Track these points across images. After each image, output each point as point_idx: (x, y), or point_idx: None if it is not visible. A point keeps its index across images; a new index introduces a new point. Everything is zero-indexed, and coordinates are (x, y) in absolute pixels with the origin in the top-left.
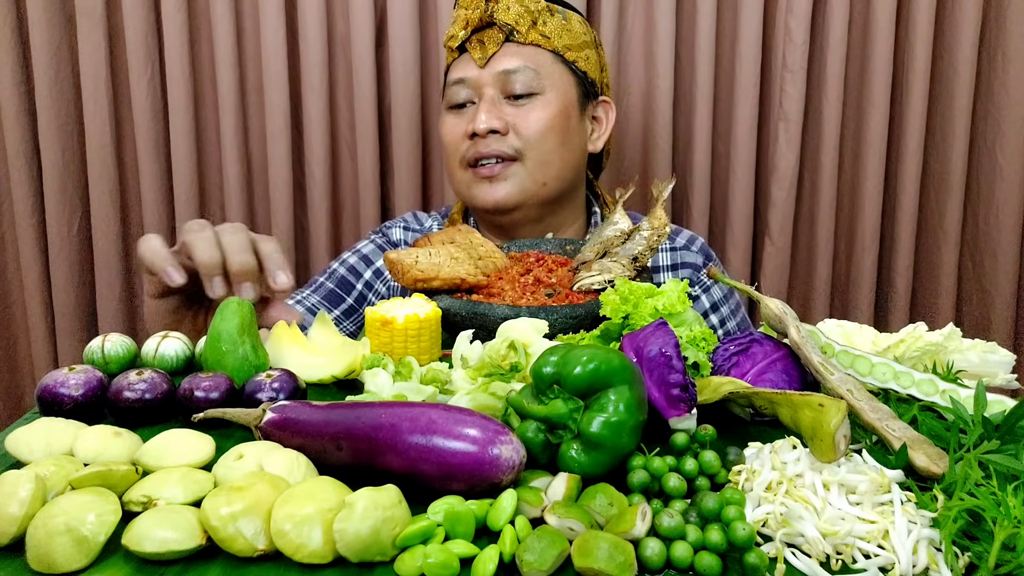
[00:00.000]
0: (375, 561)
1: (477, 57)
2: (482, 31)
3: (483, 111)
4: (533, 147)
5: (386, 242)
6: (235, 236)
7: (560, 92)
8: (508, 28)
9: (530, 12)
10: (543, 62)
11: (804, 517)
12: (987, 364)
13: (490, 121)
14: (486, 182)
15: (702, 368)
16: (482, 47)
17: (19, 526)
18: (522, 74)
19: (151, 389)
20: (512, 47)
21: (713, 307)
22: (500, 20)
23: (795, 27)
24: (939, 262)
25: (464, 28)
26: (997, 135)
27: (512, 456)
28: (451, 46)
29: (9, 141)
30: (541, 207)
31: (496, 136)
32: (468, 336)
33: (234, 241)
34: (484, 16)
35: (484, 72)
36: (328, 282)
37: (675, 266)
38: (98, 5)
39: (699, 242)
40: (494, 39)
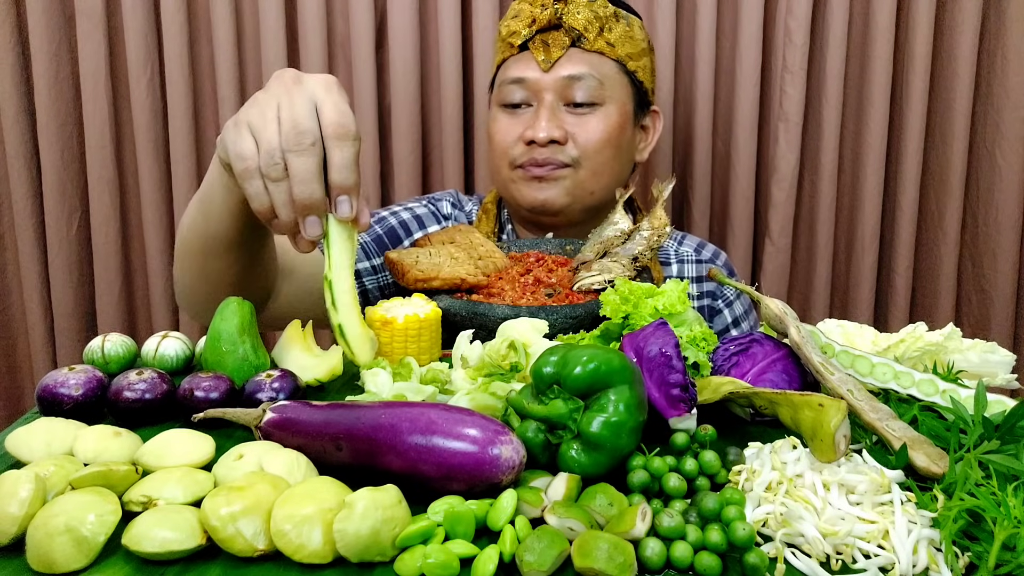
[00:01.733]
0: (375, 561)
1: (540, 59)
2: (547, 32)
3: (544, 119)
4: (589, 158)
5: (436, 211)
6: (301, 160)
7: (619, 104)
8: (576, 33)
9: (599, 18)
10: (607, 72)
11: (804, 517)
12: (987, 364)
13: (551, 131)
14: (535, 181)
15: (702, 368)
16: (546, 49)
17: (19, 526)
18: (586, 82)
19: (151, 389)
20: (577, 53)
21: (735, 322)
22: (568, 24)
23: (795, 28)
24: (939, 262)
25: (529, 26)
26: (997, 136)
27: (512, 456)
28: (512, 42)
29: (9, 141)
30: (584, 213)
31: (554, 145)
32: (468, 336)
33: (300, 167)
34: (553, 17)
35: (547, 76)
36: (377, 227)
37: (700, 278)
38: (98, 5)
39: (723, 257)
40: (559, 42)
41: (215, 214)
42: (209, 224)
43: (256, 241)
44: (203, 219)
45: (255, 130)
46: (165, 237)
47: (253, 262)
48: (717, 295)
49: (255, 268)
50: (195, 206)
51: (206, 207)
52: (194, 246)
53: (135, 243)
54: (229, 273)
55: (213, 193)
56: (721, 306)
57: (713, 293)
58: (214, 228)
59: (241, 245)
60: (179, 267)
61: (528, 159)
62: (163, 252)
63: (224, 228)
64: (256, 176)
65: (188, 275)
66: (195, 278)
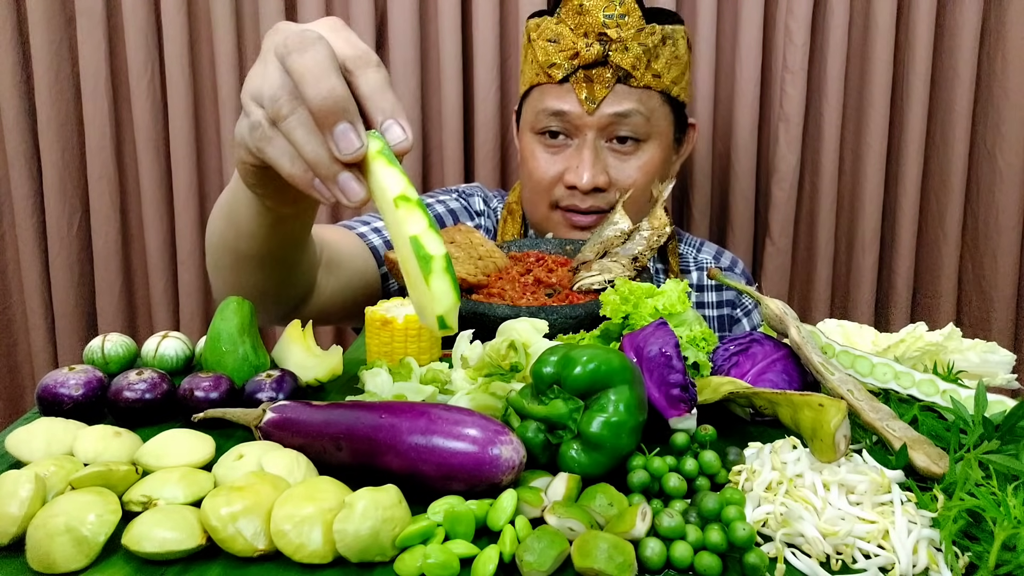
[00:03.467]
0: (375, 561)
1: (583, 97)
2: (591, 68)
3: (588, 165)
4: (632, 199)
5: (468, 207)
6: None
7: (662, 138)
8: (623, 72)
9: (647, 51)
10: (652, 105)
11: (804, 517)
12: (987, 364)
13: (595, 178)
14: (577, 229)
15: (702, 368)
16: (590, 87)
17: (19, 526)
18: (632, 119)
19: (151, 389)
20: (623, 89)
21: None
22: (615, 63)
23: (795, 28)
24: (939, 263)
25: (570, 59)
26: (997, 137)
27: (512, 456)
28: (552, 75)
29: (9, 141)
30: None
31: (595, 193)
32: (468, 336)
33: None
34: (599, 55)
35: (590, 116)
36: None
37: (719, 287)
38: (98, 5)
39: (741, 265)
40: (604, 80)
41: (245, 233)
42: (240, 242)
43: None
44: (233, 236)
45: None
46: (165, 237)
47: (291, 272)
48: (736, 304)
49: (293, 276)
50: (223, 221)
51: (235, 226)
52: (225, 261)
53: (135, 243)
54: (266, 284)
55: (239, 210)
56: (740, 315)
57: (732, 302)
58: (245, 247)
59: (277, 260)
60: (213, 277)
61: (568, 204)
62: (163, 252)
63: (257, 245)
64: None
65: (224, 285)
66: (231, 289)
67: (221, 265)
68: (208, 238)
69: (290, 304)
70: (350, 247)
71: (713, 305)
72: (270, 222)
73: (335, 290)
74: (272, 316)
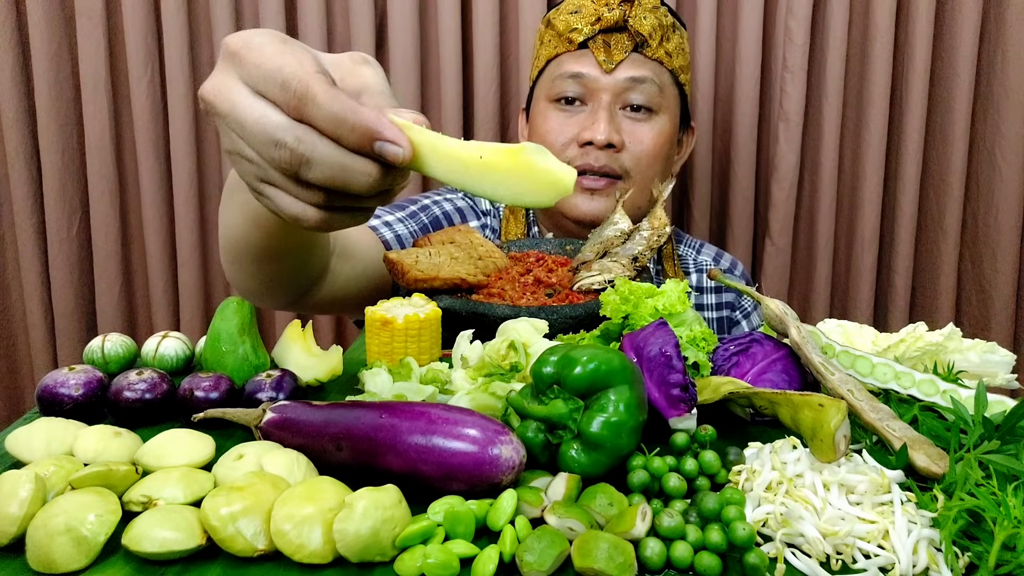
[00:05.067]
0: (375, 561)
1: (602, 59)
2: (610, 33)
3: (603, 120)
4: (640, 171)
5: (474, 206)
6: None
7: (671, 116)
8: (641, 39)
9: (662, 27)
10: (665, 81)
11: (804, 517)
12: (987, 364)
13: (610, 134)
14: (588, 193)
15: (702, 368)
16: (607, 50)
17: (19, 526)
18: (648, 86)
19: (151, 389)
20: (639, 58)
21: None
22: (634, 28)
23: (795, 28)
24: (939, 262)
25: (592, 24)
26: (996, 136)
27: (512, 456)
28: (572, 39)
29: (9, 141)
30: None
31: (609, 151)
32: (468, 336)
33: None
34: (620, 19)
35: (608, 77)
36: (423, 216)
37: (719, 289)
38: (98, 5)
39: (740, 267)
40: (622, 45)
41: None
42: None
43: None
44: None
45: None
46: (165, 237)
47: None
48: (736, 306)
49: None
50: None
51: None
52: (245, 253)
53: (135, 243)
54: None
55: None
56: (739, 317)
57: (732, 304)
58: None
59: (294, 248)
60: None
61: (583, 163)
62: (163, 252)
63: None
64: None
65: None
66: (248, 278)
67: (240, 256)
68: (224, 232)
69: (303, 288)
70: (363, 238)
71: (712, 307)
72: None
73: (349, 278)
74: (285, 300)
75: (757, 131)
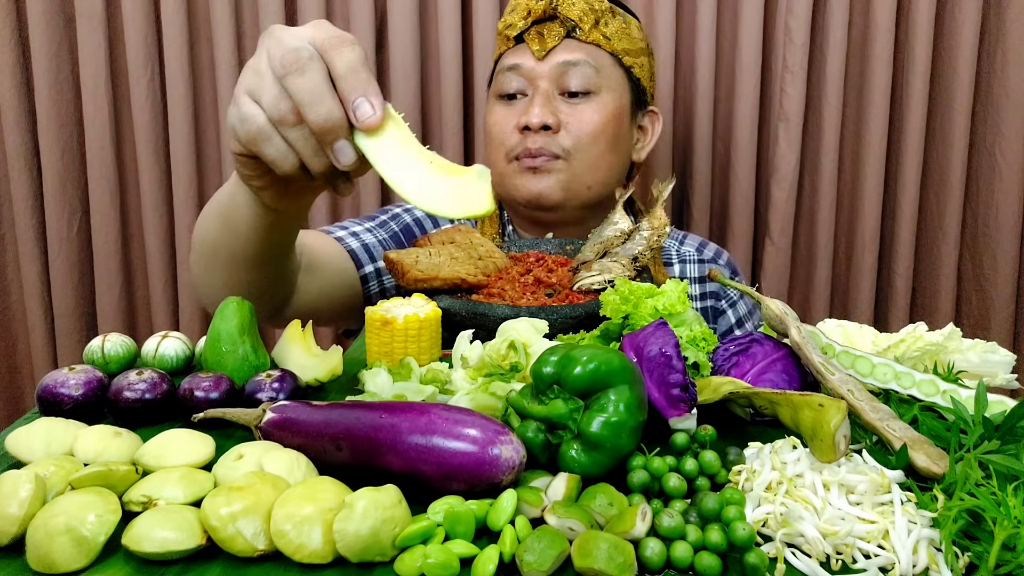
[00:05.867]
0: (375, 561)
1: (535, 49)
2: (543, 23)
3: (537, 104)
4: (582, 149)
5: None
6: (303, 80)
7: (615, 96)
8: (571, 24)
9: (594, 11)
10: (602, 62)
11: (804, 517)
12: (987, 364)
13: (544, 116)
14: (529, 173)
15: (702, 368)
16: (541, 39)
17: (19, 526)
18: (581, 68)
19: (151, 389)
20: (572, 43)
21: (739, 322)
22: (563, 14)
23: (795, 27)
24: (939, 262)
25: (524, 18)
26: (997, 136)
27: (512, 456)
28: (508, 34)
29: (9, 141)
30: (582, 209)
31: (547, 133)
32: (468, 336)
33: (304, 87)
34: (548, 8)
35: (542, 64)
36: (393, 224)
37: (702, 279)
38: (98, 6)
39: (725, 256)
40: (555, 33)
41: (242, 233)
42: (236, 242)
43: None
44: (229, 236)
45: (251, 89)
46: (165, 237)
47: (279, 272)
48: (720, 296)
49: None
50: (216, 220)
51: (231, 225)
52: (217, 260)
53: (135, 243)
54: (256, 284)
55: (237, 212)
56: (725, 307)
57: (716, 294)
58: (241, 247)
59: (270, 260)
60: (201, 276)
61: (522, 148)
62: (163, 252)
63: (252, 247)
64: (269, 133)
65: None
66: (219, 287)
67: (212, 266)
68: (198, 240)
69: (274, 304)
70: (329, 251)
71: (697, 297)
72: (267, 223)
73: (316, 292)
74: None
75: (757, 131)
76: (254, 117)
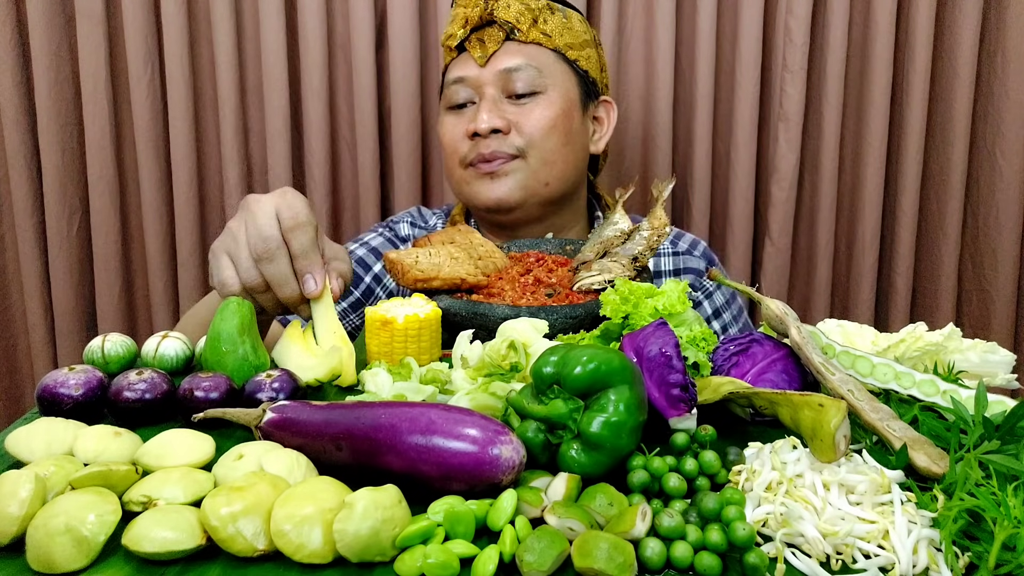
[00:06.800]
0: (375, 561)
1: (477, 56)
2: (481, 30)
3: (484, 110)
4: (536, 146)
5: (394, 236)
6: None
7: (562, 91)
8: (509, 26)
9: (531, 10)
10: (545, 61)
11: (804, 517)
12: (987, 364)
13: (492, 120)
14: (487, 179)
15: (702, 368)
16: (482, 46)
17: (19, 526)
18: (524, 72)
19: (151, 389)
20: (513, 46)
21: (715, 313)
22: (500, 18)
23: (795, 27)
24: (939, 262)
25: (463, 27)
26: (997, 136)
27: (512, 456)
28: (449, 45)
29: (9, 141)
30: (543, 207)
31: (498, 136)
32: (468, 336)
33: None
34: (484, 14)
35: (485, 71)
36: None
37: (678, 271)
38: (98, 6)
39: (701, 246)
40: (494, 38)
41: None
42: None
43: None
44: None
45: (231, 254)
46: (165, 237)
47: None
48: (696, 287)
49: None
50: (200, 329)
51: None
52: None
53: (135, 243)
54: None
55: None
56: (700, 297)
57: (693, 285)
58: None
59: None
60: None
61: (475, 155)
62: (163, 252)
63: None
64: (243, 295)
65: None
66: None
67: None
68: (186, 326)
69: None
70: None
71: None
72: None
73: None
74: None
75: (757, 131)
76: (231, 285)
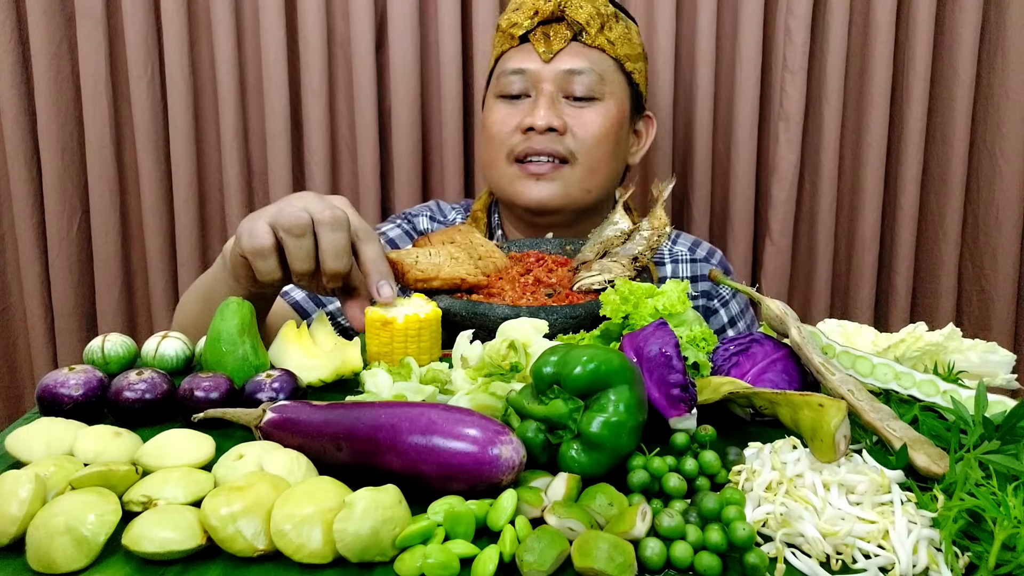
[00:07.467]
0: (375, 561)
1: (541, 50)
2: (549, 24)
3: (543, 107)
4: (586, 152)
5: (412, 229)
6: (335, 237)
7: (618, 101)
8: (578, 27)
9: (600, 15)
10: (606, 68)
11: (804, 517)
12: (987, 364)
13: (550, 118)
14: (533, 179)
15: (702, 368)
16: (547, 41)
17: (19, 526)
18: (587, 76)
19: (151, 389)
20: (578, 47)
21: (731, 321)
22: (571, 17)
23: (795, 27)
24: (939, 262)
25: (531, 17)
26: (997, 136)
27: (512, 456)
28: (512, 33)
29: (9, 141)
30: (579, 213)
31: (552, 135)
32: (468, 336)
33: (332, 244)
34: (556, 10)
35: (547, 67)
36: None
37: (695, 278)
38: (98, 5)
39: (718, 255)
40: (561, 35)
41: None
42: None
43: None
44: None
45: (286, 225)
46: (165, 237)
47: None
48: (713, 295)
49: None
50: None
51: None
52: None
53: (135, 243)
54: None
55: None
56: (717, 306)
57: (708, 293)
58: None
59: None
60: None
61: (526, 148)
62: (163, 252)
63: None
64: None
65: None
66: None
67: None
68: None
69: None
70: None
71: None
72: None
73: None
74: None
75: (757, 131)
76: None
